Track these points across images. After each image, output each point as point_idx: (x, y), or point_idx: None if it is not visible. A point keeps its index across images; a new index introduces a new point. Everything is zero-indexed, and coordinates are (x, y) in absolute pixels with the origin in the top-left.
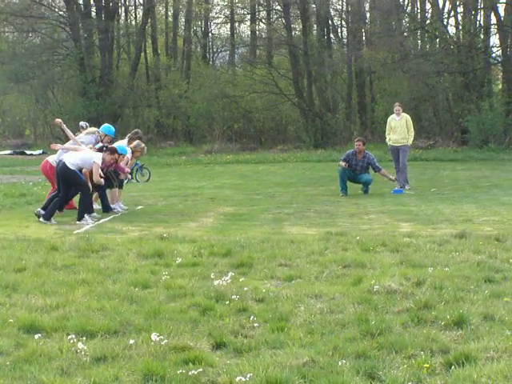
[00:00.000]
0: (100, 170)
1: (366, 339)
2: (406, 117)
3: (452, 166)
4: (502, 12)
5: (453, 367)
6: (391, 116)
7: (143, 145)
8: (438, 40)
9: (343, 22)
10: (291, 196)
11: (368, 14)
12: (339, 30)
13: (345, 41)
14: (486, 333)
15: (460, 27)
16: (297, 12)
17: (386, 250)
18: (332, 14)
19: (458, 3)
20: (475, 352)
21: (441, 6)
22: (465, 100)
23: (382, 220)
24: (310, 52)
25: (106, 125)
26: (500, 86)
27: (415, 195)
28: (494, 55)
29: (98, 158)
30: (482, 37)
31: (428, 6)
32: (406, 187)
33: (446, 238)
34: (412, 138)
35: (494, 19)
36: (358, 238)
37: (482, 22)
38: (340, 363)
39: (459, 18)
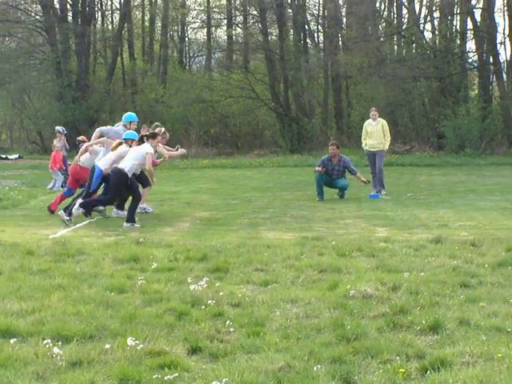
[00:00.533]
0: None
1: (341, 344)
2: (383, 122)
3: (428, 171)
4: (478, 17)
5: (428, 372)
6: (367, 121)
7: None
8: (414, 45)
9: (320, 27)
10: (267, 201)
11: (344, 19)
12: (316, 35)
13: (321, 46)
14: (462, 338)
15: (436, 32)
16: (273, 17)
17: (362, 255)
18: (308, 18)
19: (434, 8)
20: (451, 357)
21: (417, 11)
22: (441, 105)
23: (358, 225)
24: (286, 57)
25: (128, 113)
26: (476, 92)
27: (391, 200)
28: (470, 60)
29: (147, 148)
30: (458, 42)
31: (404, 11)
32: (383, 192)
33: (421, 243)
34: (388, 143)
35: (470, 24)
36: (333, 242)
37: (458, 28)
38: (315, 368)
39: (435, 23)
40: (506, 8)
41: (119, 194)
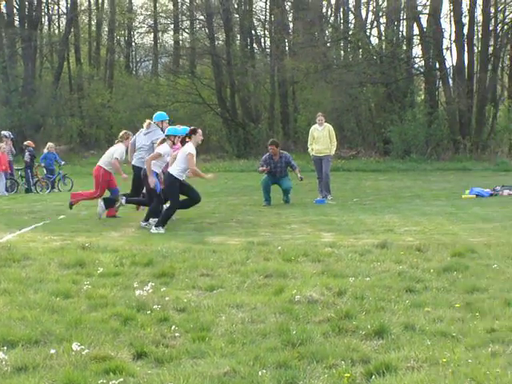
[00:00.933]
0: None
1: (286, 349)
2: (329, 127)
3: (374, 176)
4: (424, 23)
5: (373, 377)
6: (314, 126)
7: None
8: (360, 50)
9: (266, 32)
10: (214, 206)
11: (291, 25)
12: (262, 40)
13: (268, 51)
14: (407, 342)
15: (383, 38)
16: (220, 22)
17: (308, 260)
18: (255, 24)
19: (380, 14)
20: (396, 362)
21: (364, 16)
22: (387, 110)
23: (304, 230)
24: (233, 62)
25: (158, 112)
26: (422, 97)
27: (337, 205)
28: (416, 66)
29: (189, 148)
30: (404, 47)
31: (351, 16)
32: (328, 197)
33: (367, 248)
34: (335, 148)
35: (416, 30)
36: (279, 247)
37: (404, 33)
38: (261, 373)
39: (382, 28)
40: (452, 13)
41: (176, 197)
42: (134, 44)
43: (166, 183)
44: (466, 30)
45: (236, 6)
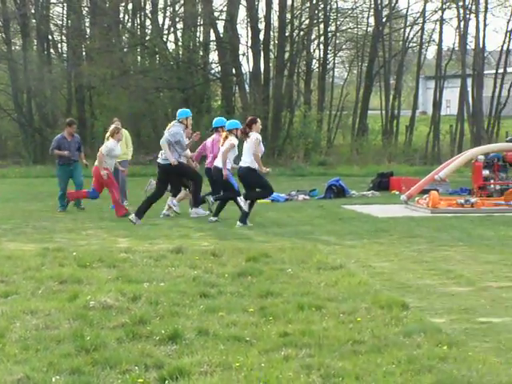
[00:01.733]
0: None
1: (81, 355)
2: (126, 132)
3: None
4: (221, 29)
5: (167, 382)
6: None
7: None
8: (157, 56)
9: (64, 38)
10: (10, 212)
11: (88, 30)
12: (60, 46)
13: (65, 56)
14: (201, 347)
15: (180, 43)
16: (17, 27)
17: (103, 266)
18: (52, 29)
19: (177, 20)
20: (189, 366)
21: (161, 22)
22: None
23: (100, 235)
24: (29, 67)
25: (182, 109)
26: (219, 102)
27: (133, 211)
28: (213, 71)
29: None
30: (201, 53)
31: (148, 22)
32: (125, 202)
33: (162, 253)
34: (131, 154)
35: (213, 36)
36: (74, 253)
37: (201, 39)
38: (54, 379)
39: (179, 34)
40: (248, 19)
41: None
42: None
43: (248, 178)
44: (262, 36)
45: (33, 11)
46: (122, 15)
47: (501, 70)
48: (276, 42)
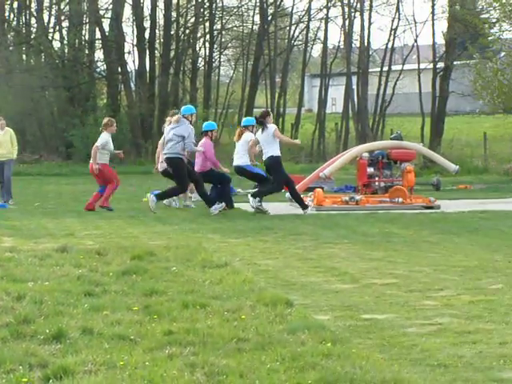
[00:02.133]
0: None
1: None
2: (11, 131)
3: (56, 180)
4: (106, 27)
5: (51, 381)
6: None
7: None
8: (43, 54)
9: None
10: None
11: None
12: None
13: None
14: (85, 346)
15: (65, 42)
16: None
17: None
18: None
19: (63, 18)
20: (73, 365)
21: (46, 20)
22: (69, 114)
23: None
24: None
25: (186, 106)
26: (105, 101)
27: (18, 210)
28: (98, 70)
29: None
30: (87, 51)
31: (33, 20)
32: (10, 202)
33: (47, 253)
34: (16, 153)
35: (98, 34)
36: None
37: (86, 37)
38: None
39: (64, 32)
40: (134, 18)
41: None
42: None
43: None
44: (147, 34)
45: None
46: (7, 13)
47: (385, 68)
48: (162, 40)
